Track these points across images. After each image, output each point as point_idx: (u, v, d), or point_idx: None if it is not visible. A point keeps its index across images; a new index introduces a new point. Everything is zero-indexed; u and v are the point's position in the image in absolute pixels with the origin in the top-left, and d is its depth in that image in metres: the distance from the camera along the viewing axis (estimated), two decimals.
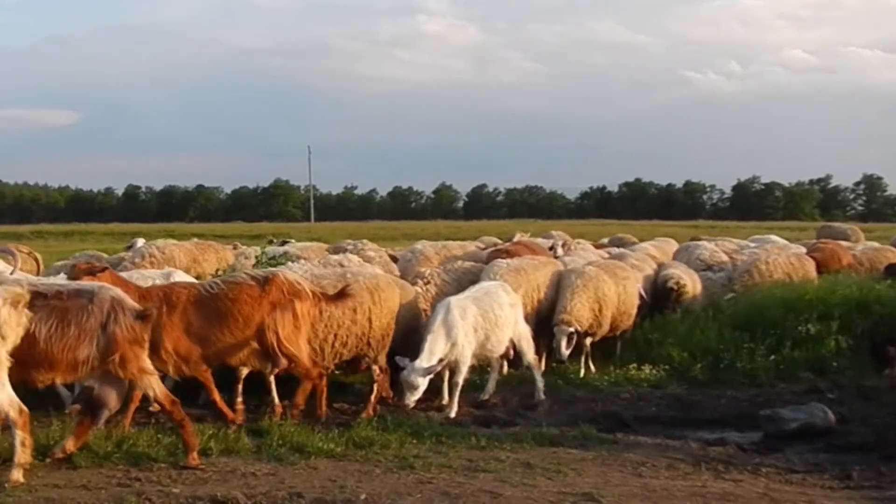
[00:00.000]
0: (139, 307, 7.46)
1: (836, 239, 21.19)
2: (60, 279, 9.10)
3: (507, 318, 10.15)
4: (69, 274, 9.08)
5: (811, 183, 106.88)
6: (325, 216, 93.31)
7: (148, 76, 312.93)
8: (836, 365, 11.79)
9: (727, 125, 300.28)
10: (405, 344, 10.03)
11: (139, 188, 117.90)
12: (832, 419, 9.17)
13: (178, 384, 9.61)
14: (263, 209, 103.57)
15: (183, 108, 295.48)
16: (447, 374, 9.98)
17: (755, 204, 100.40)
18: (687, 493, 7.04)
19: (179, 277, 10.48)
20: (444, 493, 6.83)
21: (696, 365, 11.77)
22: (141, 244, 14.40)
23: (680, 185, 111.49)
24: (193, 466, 7.32)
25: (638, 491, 7.04)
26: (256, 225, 67.52)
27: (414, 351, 9.60)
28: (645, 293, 13.33)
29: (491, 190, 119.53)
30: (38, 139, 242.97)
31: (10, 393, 6.77)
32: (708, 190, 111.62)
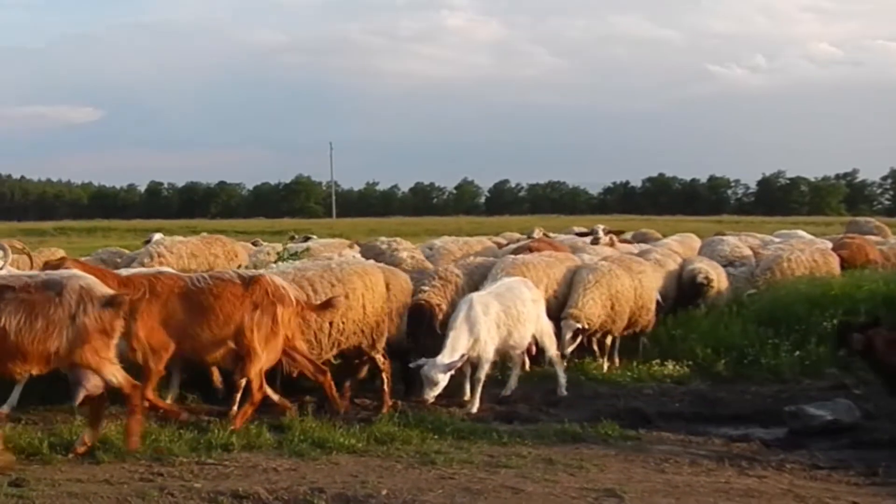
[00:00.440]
0: (109, 294, 7.37)
1: (863, 234, 21.00)
2: (33, 271, 9.12)
3: (529, 313, 10.12)
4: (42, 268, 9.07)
5: (837, 177, 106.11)
6: (346, 212, 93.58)
7: (169, 73, 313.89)
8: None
9: (752, 119, 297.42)
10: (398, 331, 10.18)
11: (161, 185, 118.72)
12: (857, 415, 9.06)
13: (198, 380, 9.66)
14: (285, 205, 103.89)
15: (204, 104, 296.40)
16: (469, 369, 9.96)
17: (780, 199, 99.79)
18: (710, 489, 6.99)
19: None
20: (465, 488, 6.82)
21: (719, 361, 11.67)
22: (157, 238, 14.23)
23: (704, 179, 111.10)
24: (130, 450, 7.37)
25: (661, 487, 7.00)
26: (278, 221, 67.81)
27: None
28: (665, 291, 13.24)
29: (513, 185, 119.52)
30: (60, 136, 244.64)
31: None
32: (732, 185, 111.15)
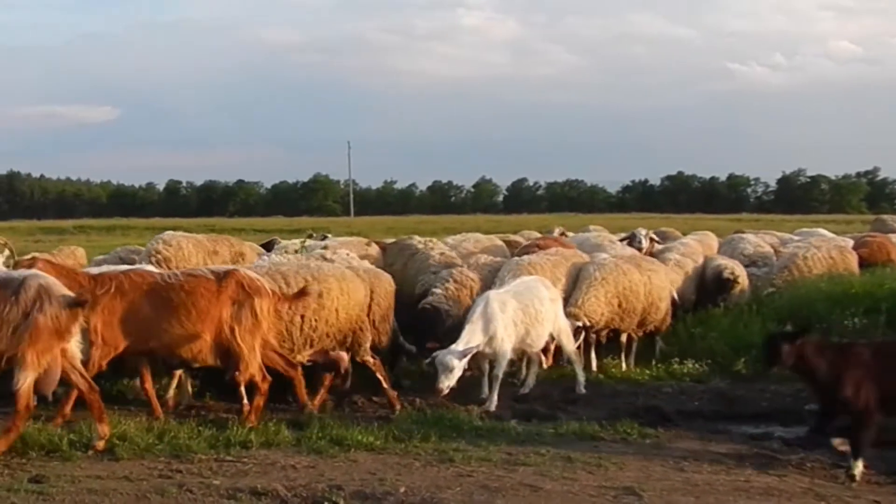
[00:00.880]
0: (70, 295, 7.34)
1: (886, 232, 20.84)
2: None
3: (547, 312, 10.10)
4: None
5: (858, 175, 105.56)
6: (364, 210, 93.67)
7: (186, 72, 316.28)
8: None
9: (772, 117, 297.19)
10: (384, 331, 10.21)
11: (180, 183, 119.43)
12: None
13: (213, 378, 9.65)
14: (303, 204, 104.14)
15: (222, 103, 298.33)
16: (487, 367, 9.95)
17: (800, 197, 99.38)
18: (730, 487, 6.96)
19: None
20: (483, 486, 6.80)
21: (739, 359, 11.61)
22: (166, 235, 13.97)
23: (723, 178, 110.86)
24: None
25: (680, 485, 6.97)
26: (296, 219, 67.94)
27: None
28: (687, 290, 13.15)
29: (531, 184, 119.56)
30: (80, 135, 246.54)
31: None
32: (752, 183, 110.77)
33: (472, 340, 9.40)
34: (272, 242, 16.24)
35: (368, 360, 9.82)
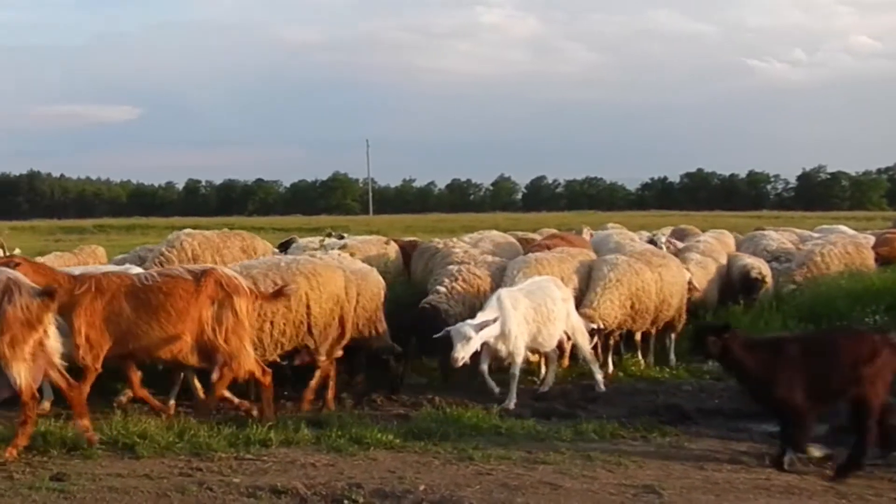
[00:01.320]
0: (40, 287, 7.35)
1: None
2: None
3: (559, 312, 10.08)
4: None
5: (879, 172, 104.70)
6: (383, 209, 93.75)
7: (205, 71, 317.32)
8: None
9: (792, 114, 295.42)
10: (371, 332, 10.10)
11: (199, 182, 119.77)
12: None
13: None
14: (322, 202, 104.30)
15: (241, 102, 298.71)
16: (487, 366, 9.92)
17: (821, 194, 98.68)
18: (750, 485, 6.93)
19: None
20: (503, 484, 6.79)
21: None
22: (180, 234, 13.83)
23: (743, 175, 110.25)
24: (9, 460, 7.14)
25: (700, 484, 6.94)
26: (315, 218, 67.98)
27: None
28: (711, 289, 13.05)
29: (550, 182, 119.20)
30: (99, 135, 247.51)
31: None
32: (772, 180, 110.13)
33: (487, 317, 9.42)
34: (290, 241, 16.22)
35: (322, 359, 9.57)
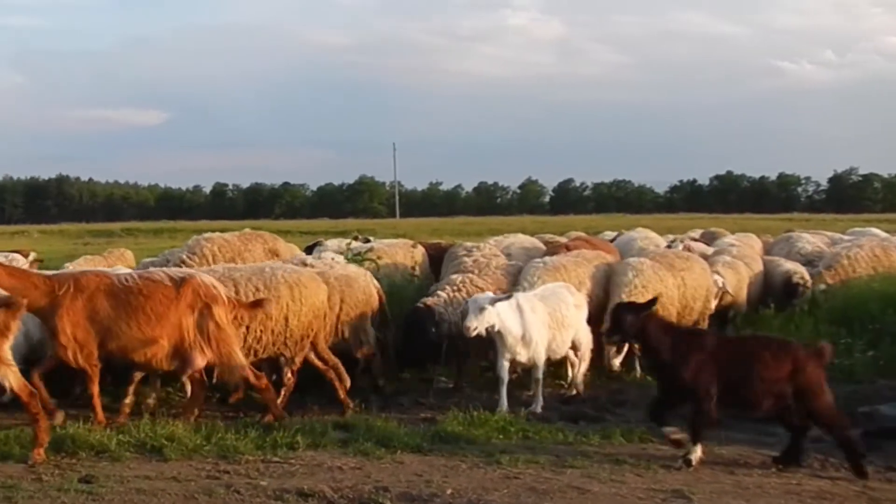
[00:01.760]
0: (4, 295, 7.38)
1: None
2: None
3: (572, 318, 9.98)
4: None
5: None
6: (410, 212, 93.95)
7: (233, 75, 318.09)
8: None
9: (823, 115, 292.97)
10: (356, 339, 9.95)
11: (226, 186, 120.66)
12: None
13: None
14: (349, 206, 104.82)
15: (268, 106, 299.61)
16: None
17: (852, 196, 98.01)
18: (781, 490, 6.86)
19: None
20: (530, 488, 6.76)
21: None
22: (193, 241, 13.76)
23: (773, 177, 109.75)
24: (37, 461, 7.17)
25: (730, 488, 6.87)
26: (342, 221, 68.31)
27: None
28: (750, 294, 12.93)
29: (578, 184, 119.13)
30: (127, 139, 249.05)
31: None
32: (803, 182, 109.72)
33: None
34: (317, 244, 16.23)
35: (288, 371, 9.49)
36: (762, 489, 6.88)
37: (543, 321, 9.61)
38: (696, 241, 17.93)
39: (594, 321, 10.36)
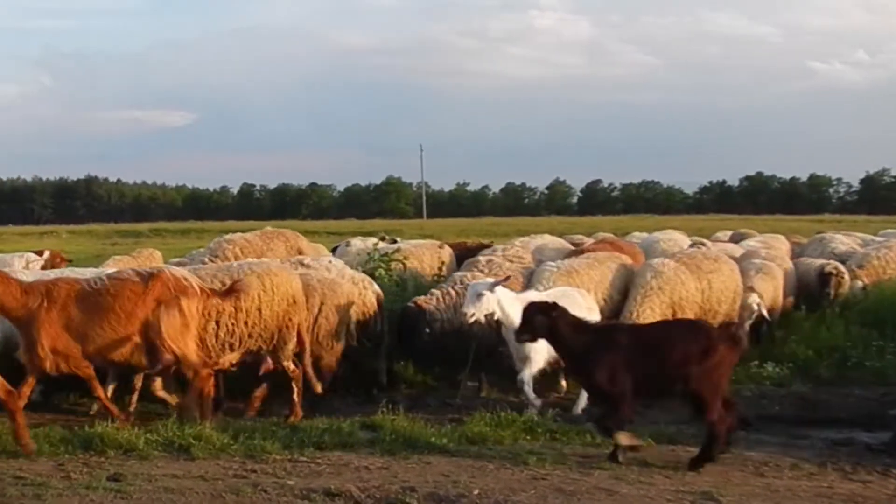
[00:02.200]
0: None
1: None
2: None
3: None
4: None
5: None
6: (437, 213, 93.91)
7: (261, 76, 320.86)
8: None
9: (855, 116, 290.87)
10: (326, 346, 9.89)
11: (254, 186, 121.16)
12: None
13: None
14: (376, 206, 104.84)
15: (295, 107, 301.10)
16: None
17: (885, 197, 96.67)
18: (812, 493, 6.78)
19: None
20: (558, 489, 6.72)
21: (821, 363, 11.35)
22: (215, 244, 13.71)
23: (804, 178, 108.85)
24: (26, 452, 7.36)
25: (760, 491, 6.80)
26: (369, 222, 68.38)
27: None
28: (785, 294, 12.85)
29: (606, 185, 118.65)
30: (155, 140, 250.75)
31: None
32: (834, 183, 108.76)
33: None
34: (345, 245, 16.26)
35: (289, 365, 9.44)
36: (793, 492, 6.80)
37: None
38: (720, 241, 17.85)
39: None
